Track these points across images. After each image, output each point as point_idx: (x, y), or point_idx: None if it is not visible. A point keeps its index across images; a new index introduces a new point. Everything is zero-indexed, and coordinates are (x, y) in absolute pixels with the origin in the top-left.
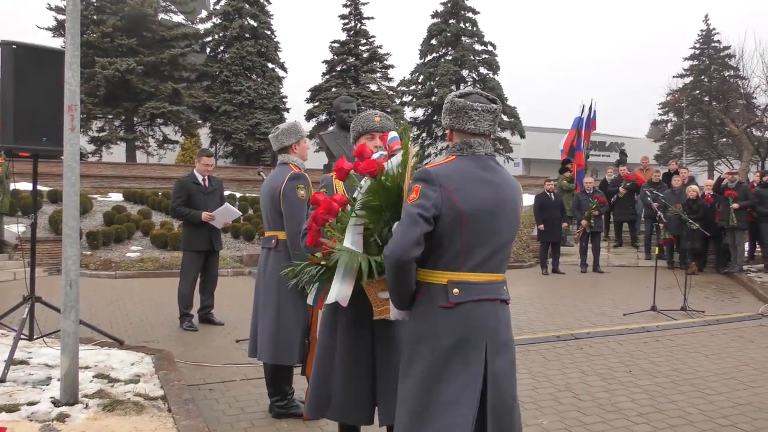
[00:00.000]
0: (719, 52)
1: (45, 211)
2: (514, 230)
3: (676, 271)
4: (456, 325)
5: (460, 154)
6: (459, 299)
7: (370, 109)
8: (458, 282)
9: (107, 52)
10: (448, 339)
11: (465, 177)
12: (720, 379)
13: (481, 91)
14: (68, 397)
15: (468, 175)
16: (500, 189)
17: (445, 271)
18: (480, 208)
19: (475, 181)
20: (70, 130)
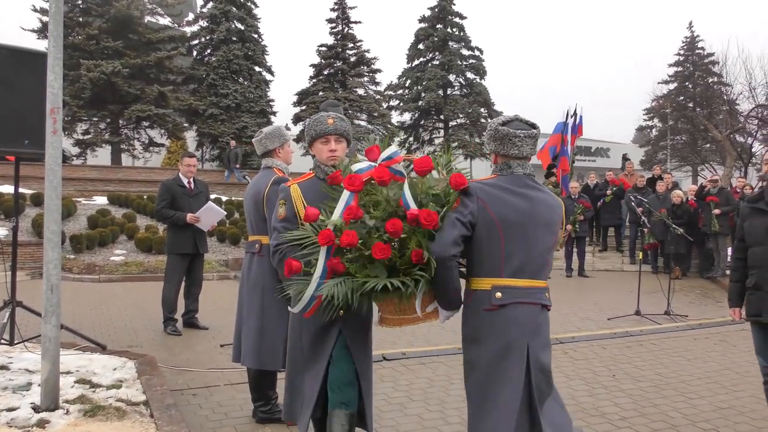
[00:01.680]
0: (703, 58)
1: (28, 214)
2: (549, 241)
3: (660, 276)
4: (500, 327)
5: (500, 174)
6: (501, 302)
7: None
8: (501, 286)
9: (93, 54)
10: (494, 343)
11: (501, 191)
12: (703, 383)
13: (521, 117)
14: (49, 402)
15: (503, 190)
16: (534, 202)
17: (489, 278)
18: (512, 218)
19: (509, 195)
20: (52, 133)
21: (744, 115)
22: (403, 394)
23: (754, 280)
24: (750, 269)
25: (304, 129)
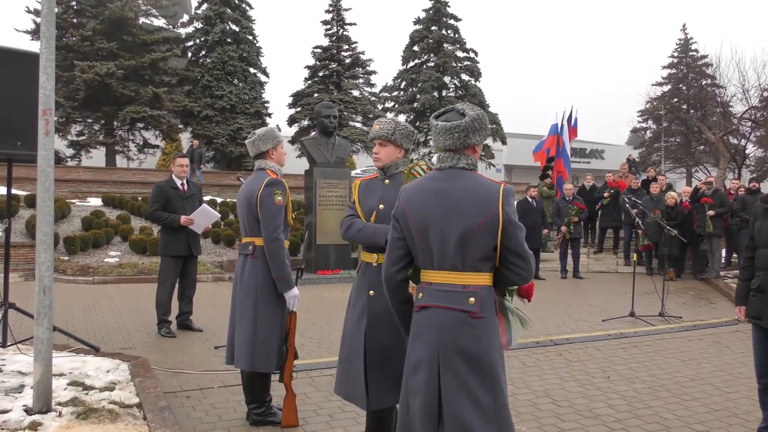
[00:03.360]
0: (696, 60)
1: (22, 215)
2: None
3: (655, 277)
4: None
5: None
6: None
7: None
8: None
9: (87, 55)
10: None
11: (419, 191)
12: (696, 385)
13: (460, 107)
14: (41, 405)
15: (423, 189)
16: (451, 199)
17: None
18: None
19: (425, 195)
20: (44, 135)
21: (737, 117)
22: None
23: (758, 282)
24: (756, 270)
25: None
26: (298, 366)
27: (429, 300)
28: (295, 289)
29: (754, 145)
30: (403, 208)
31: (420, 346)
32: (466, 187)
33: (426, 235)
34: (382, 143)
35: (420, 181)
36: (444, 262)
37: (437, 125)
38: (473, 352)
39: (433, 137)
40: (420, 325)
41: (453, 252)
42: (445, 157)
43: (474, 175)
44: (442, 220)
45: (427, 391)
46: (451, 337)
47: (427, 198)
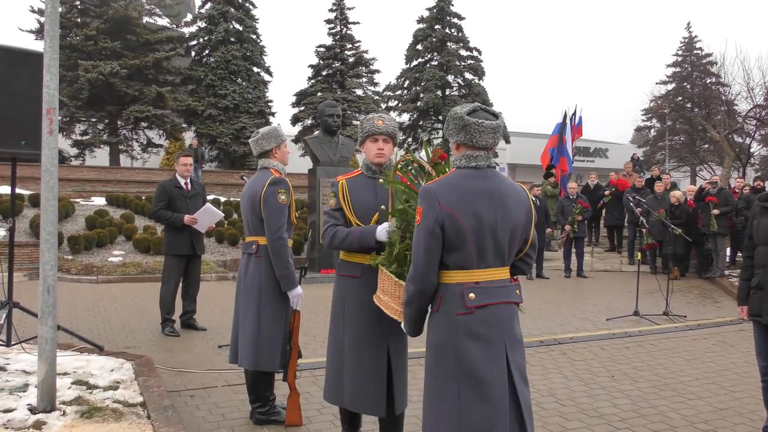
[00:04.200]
0: (701, 59)
1: (26, 215)
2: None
3: (659, 276)
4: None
5: (461, 166)
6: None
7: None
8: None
9: (91, 55)
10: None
11: (464, 190)
12: (701, 384)
13: (484, 107)
14: (45, 404)
15: (467, 188)
16: (502, 198)
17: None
18: (483, 221)
19: (473, 194)
20: (48, 134)
21: (742, 115)
22: None
23: (758, 279)
24: (755, 268)
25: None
26: (302, 365)
27: (486, 298)
28: (299, 288)
29: (759, 144)
30: (449, 211)
31: (483, 347)
32: (507, 186)
33: (481, 235)
34: (386, 140)
35: (453, 180)
36: (494, 260)
37: (482, 123)
38: (521, 338)
39: (468, 134)
40: (479, 325)
41: (504, 249)
42: (480, 155)
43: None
44: (497, 219)
45: (501, 388)
46: (511, 329)
47: (477, 198)
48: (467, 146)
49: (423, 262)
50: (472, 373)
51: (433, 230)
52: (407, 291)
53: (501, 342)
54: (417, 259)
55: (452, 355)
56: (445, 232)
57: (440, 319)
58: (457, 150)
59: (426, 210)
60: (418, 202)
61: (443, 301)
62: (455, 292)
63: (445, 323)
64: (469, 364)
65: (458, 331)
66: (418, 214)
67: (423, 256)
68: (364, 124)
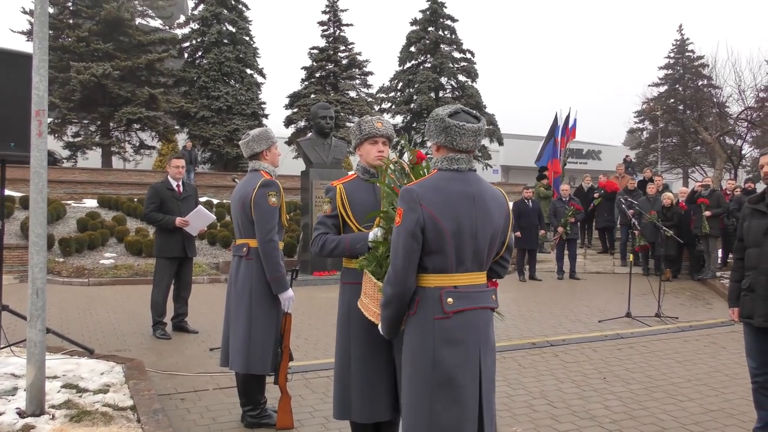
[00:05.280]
0: (693, 61)
1: (17, 217)
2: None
3: (651, 278)
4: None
5: (442, 168)
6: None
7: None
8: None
9: (83, 56)
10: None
11: (446, 193)
12: (692, 386)
13: (466, 109)
14: (34, 407)
15: (449, 192)
16: (483, 202)
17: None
18: (463, 225)
19: (455, 197)
20: (37, 136)
21: (733, 117)
22: None
23: (749, 281)
24: (746, 270)
25: (353, 130)
26: (293, 368)
27: (464, 303)
28: (290, 291)
29: (750, 146)
30: (431, 214)
31: (460, 352)
32: (487, 189)
33: (460, 238)
34: (385, 142)
35: (435, 183)
36: (473, 264)
37: (464, 126)
38: (494, 344)
39: (449, 136)
40: (456, 330)
41: (483, 253)
42: (461, 158)
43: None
44: (478, 223)
45: (472, 393)
46: (486, 334)
47: (459, 201)
48: (448, 149)
49: (402, 264)
50: (446, 377)
51: (414, 232)
52: (385, 293)
53: (476, 347)
54: (395, 261)
55: (427, 358)
56: (426, 235)
57: (417, 322)
58: (437, 152)
59: (407, 211)
60: (399, 204)
61: (420, 305)
62: (433, 296)
63: (421, 327)
64: (443, 368)
65: (434, 335)
66: (398, 215)
67: (402, 259)
68: (362, 126)
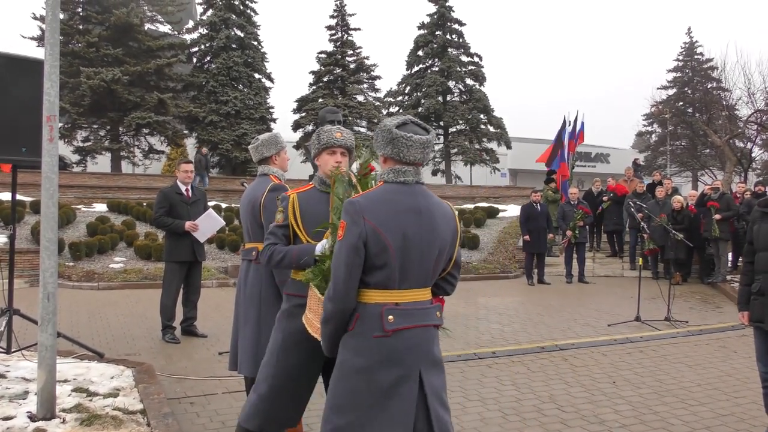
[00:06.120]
0: (702, 64)
1: (27, 221)
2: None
3: (661, 282)
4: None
5: (389, 180)
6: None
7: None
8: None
9: (93, 61)
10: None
11: (391, 207)
12: (703, 390)
13: (416, 120)
14: (45, 411)
15: (394, 205)
16: (430, 217)
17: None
18: (409, 239)
19: (400, 211)
20: (48, 141)
21: (743, 120)
22: None
23: (759, 285)
24: (756, 274)
25: (312, 140)
26: None
27: (405, 322)
28: None
29: (761, 149)
30: (374, 227)
31: (398, 371)
32: (436, 203)
33: (406, 254)
34: (344, 153)
35: (380, 195)
36: (417, 281)
37: (411, 137)
38: (440, 360)
39: (396, 148)
40: (394, 349)
41: (428, 269)
42: (408, 170)
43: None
44: (424, 237)
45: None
46: (428, 352)
47: (404, 215)
48: (395, 160)
49: (343, 280)
50: (381, 396)
51: (356, 246)
52: (325, 309)
53: (416, 366)
54: (337, 277)
55: (363, 377)
56: (368, 249)
57: (354, 339)
58: (384, 164)
59: (349, 225)
60: (342, 216)
61: (360, 322)
62: (373, 313)
63: (359, 344)
64: (378, 387)
65: (372, 353)
66: (341, 228)
67: (344, 274)
68: (321, 135)
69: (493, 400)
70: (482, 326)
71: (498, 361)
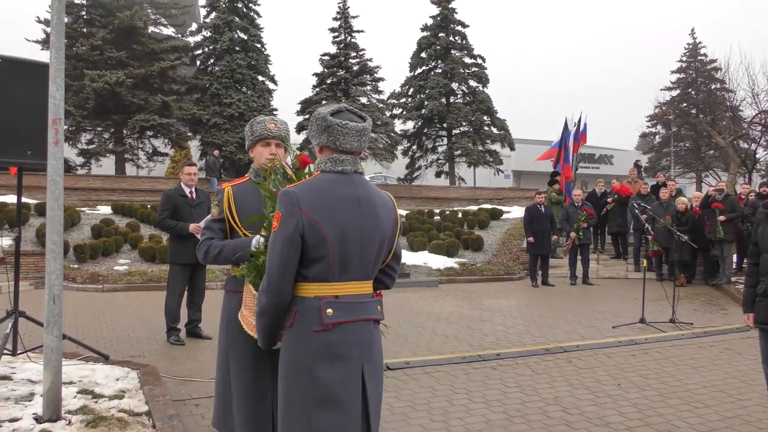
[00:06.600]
0: (706, 65)
1: (32, 224)
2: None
3: (665, 283)
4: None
5: (326, 170)
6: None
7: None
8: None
9: (96, 64)
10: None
11: (329, 197)
12: (708, 392)
13: (351, 107)
14: (51, 413)
15: (332, 195)
16: (370, 207)
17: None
18: (348, 230)
19: (339, 201)
20: (54, 144)
21: (747, 121)
22: (407, 404)
23: (764, 287)
24: (761, 275)
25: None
26: None
27: (345, 315)
28: None
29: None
30: (311, 218)
31: (341, 367)
32: (375, 193)
33: (345, 245)
34: (279, 144)
35: (317, 185)
36: (357, 273)
37: (347, 125)
38: (380, 358)
39: (331, 136)
40: (336, 344)
41: (369, 261)
42: (346, 159)
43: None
44: (365, 228)
45: (355, 411)
46: (369, 349)
47: (343, 205)
48: (331, 149)
49: (278, 272)
50: (325, 394)
51: (292, 238)
52: (259, 302)
53: (359, 362)
54: (271, 270)
55: (306, 374)
56: (305, 241)
57: (294, 335)
58: (320, 153)
59: (285, 216)
60: (277, 207)
61: (298, 316)
62: (311, 306)
63: (299, 340)
64: (322, 384)
65: (313, 349)
66: (276, 219)
67: (278, 267)
68: (254, 127)
69: (498, 402)
70: (486, 328)
71: (502, 363)
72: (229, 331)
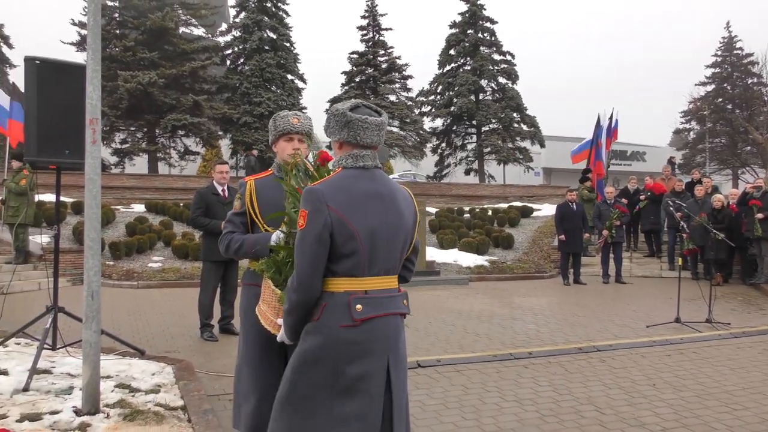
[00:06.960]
0: (742, 59)
1: (69, 222)
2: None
3: (701, 282)
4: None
5: (347, 166)
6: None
7: (395, 120)
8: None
9: (129, 65)
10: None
11: (354, 193)
12: (747, 394)
13: (366, 103)
14: (90, 406)
15: (357, 191)
16: (393, 201)
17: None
18: (376, 225)
19: (364, 197)
20: (91, 143)
21: None
22: (438, 402)
23: None
24: None
25: (269, 126)
26: None
27: (374, 310)
28: None
29: None
30: (339, 215)
31: (366, 362)
32: (396, 188)
33: (373, 241)
34: (302, 139)
35: (341, 182)
36: (384, 267)
37: (367, 119)
38: (405, 355)
39: (351, 131)
40: (363, 340)
41: (395, 256)
42: (366, 155)
43: None
44: (390, 223)
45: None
46: (396, 343)
47: (369, 201)
48: (352, 145)
49: (307, 271)
50: (349, 389)
51: (321, 236)
52: (289, 300)
53: (384, 356)
54: (300, 268)
55: (329, 368)
56: (334, 238)
57: (320, 329)
58: (340, 149)
59: (312, 213)
60: (302, 205)
61: (326, 311)
62: (341, 302)
63: (324, 334)
64: (347, 379)
65: (339, 344)
66: (302, 218)
67: (307, 265)
68: (277, 121)
69: (530, 401)
70: (518, 326)
71: (534, 361)
72: (246, 319)
